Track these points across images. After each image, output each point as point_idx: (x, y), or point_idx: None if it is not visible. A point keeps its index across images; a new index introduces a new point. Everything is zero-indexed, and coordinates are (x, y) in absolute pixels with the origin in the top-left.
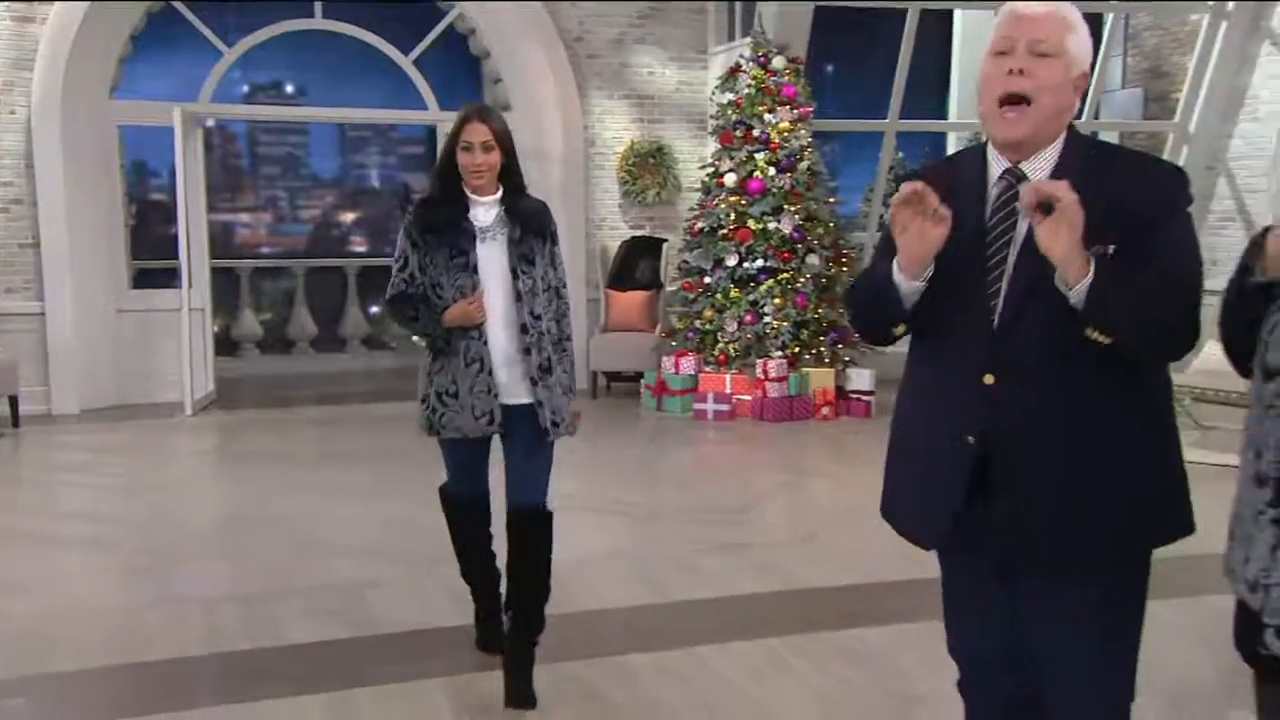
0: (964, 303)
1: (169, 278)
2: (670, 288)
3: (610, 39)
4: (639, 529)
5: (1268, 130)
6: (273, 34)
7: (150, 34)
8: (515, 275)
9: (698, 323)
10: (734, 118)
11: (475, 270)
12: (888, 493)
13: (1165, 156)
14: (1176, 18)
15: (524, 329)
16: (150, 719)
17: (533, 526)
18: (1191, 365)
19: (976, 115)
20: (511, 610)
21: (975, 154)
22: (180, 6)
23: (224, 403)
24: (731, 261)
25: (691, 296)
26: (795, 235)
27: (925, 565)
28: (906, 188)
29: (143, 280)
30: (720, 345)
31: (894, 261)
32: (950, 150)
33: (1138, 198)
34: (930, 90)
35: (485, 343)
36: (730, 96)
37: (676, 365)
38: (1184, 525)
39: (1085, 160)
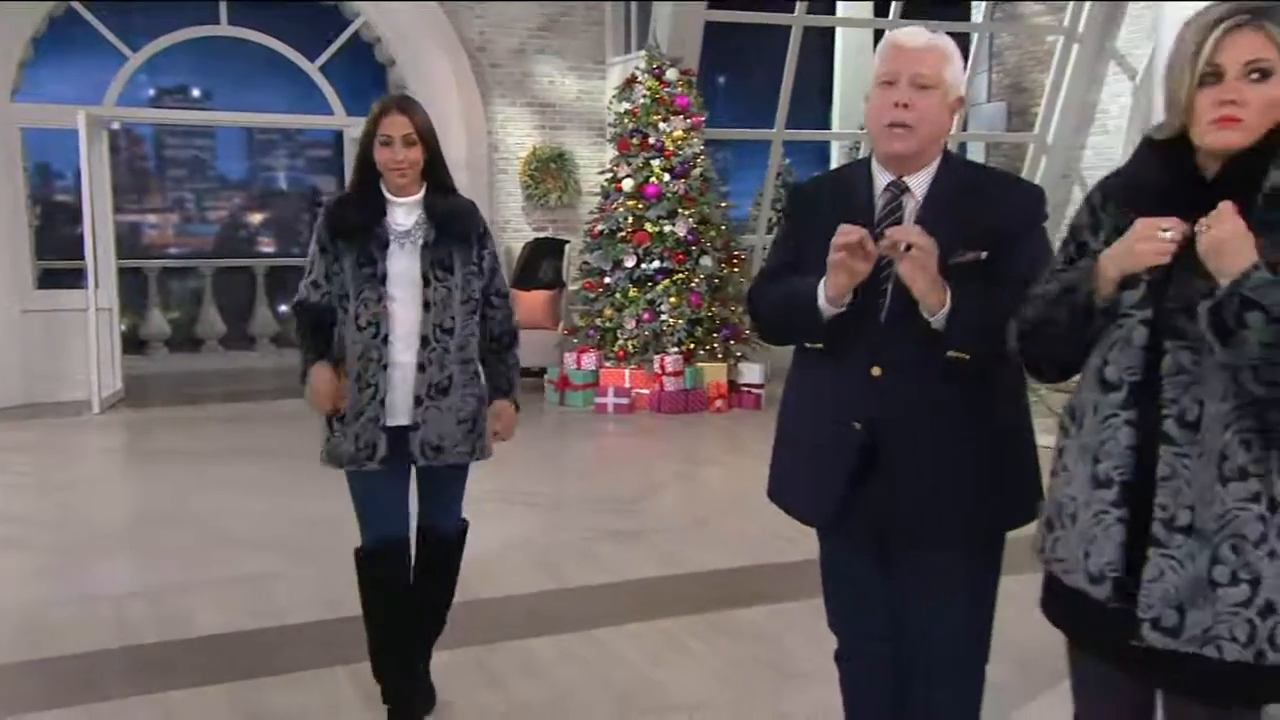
0: (854, 304)
1: (76, 278)
2: (572, 287)
3: (512, 49)
4: (542, 518)
5: (1115, 142)
6: (178, 39)
7: (52, 37)
8: (426, 282)
9: (598, 320)
10: (630, 126)
11: (384, 281)
12: (774, 477)
13: (1026, 166)
14: (1035, 38)
15: (424, 342)
16: (61, 712)
17: (441, 548)
18: None
19: (867, 133)
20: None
21: (861, 167)
22: (80, 8)
23: (132, 400)
24: (630, 262)
25: (592, 295)
26: (689, 238)
27: (808, 548)
28: (852, 236)
29: (49, 280)
30: (620, 342)
31: (819, 291)
32: (834, 157)
33: (1002, 213)
34: (814, 102)
35: (385, 367)
36: (627, 106)
37: (578, 361)
38: (1035, 508)
39: (958, 178)
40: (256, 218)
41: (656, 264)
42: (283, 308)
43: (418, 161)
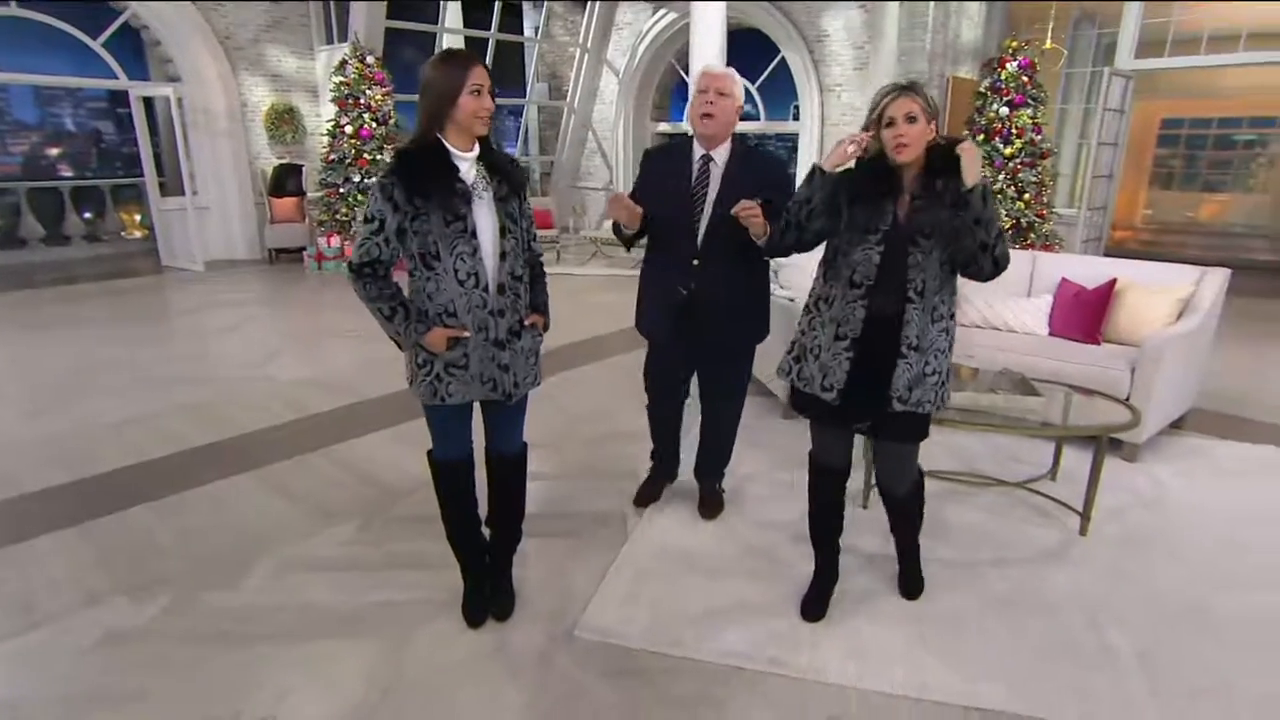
0: (680, 227)
1: None
2: (313, 194)
3: (249, 38)
4: (346, 350)
5: (609, 111)
6: None
7: None
8: (504, 233)
9: (338, 215)
10: (346, 92)
11: (474, 234)
12: (639, 315)
13: (562, 121)
14: (562, 48)
15: (501, 289)
16: (152, 505)
17: (513, 468)
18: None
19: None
20: (494, 527)
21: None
22: None
23: None
24: (355, 178)
25: (332, 201)
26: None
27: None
28: (622, 197)
29: None
30: (354, 228)
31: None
32: None
33: (770, 175)
34: None
35: (493, 313)
36: (342, 78)
37: (329, 241)
38: (766, 330)
39: (742, 152)
40: (53, 151)
41: (373, 179)
42: (87, 214)
43: (492, 112)
